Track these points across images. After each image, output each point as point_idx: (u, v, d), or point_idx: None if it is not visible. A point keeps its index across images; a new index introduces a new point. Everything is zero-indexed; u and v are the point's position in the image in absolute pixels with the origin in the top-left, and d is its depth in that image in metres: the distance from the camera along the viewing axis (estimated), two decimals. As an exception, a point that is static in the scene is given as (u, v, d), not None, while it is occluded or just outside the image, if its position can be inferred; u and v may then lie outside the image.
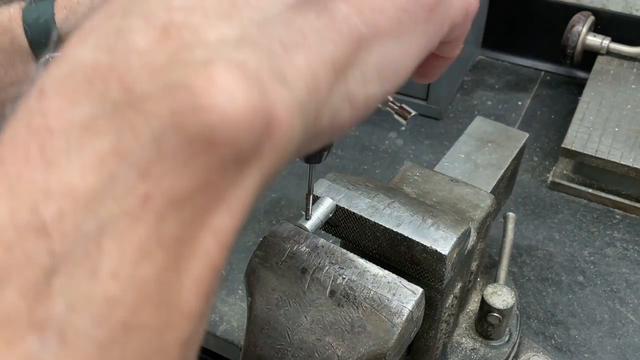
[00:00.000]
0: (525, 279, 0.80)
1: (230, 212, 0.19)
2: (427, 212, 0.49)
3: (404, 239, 0.47)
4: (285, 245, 0.45)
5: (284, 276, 0.44)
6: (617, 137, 0.89)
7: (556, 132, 1.03)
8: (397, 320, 0.41)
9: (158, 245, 0.17)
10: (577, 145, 0.88)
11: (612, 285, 0.79)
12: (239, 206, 0.19)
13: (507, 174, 0.68)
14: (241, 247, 0.84)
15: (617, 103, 0.95)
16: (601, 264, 0.82)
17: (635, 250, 0.83)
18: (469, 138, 0.70)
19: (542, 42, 1.16)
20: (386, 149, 1.00)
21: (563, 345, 0.73)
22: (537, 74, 1.17)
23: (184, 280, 0.18)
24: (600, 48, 1.05)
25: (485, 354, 0.63)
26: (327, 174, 0.52)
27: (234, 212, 0.19)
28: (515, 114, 1.08)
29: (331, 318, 0.42)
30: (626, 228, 0.86)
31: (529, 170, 0.96)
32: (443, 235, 0.47)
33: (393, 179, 0.59)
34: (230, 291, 0.79)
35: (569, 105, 1.08)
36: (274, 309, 0.44)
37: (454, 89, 1.12)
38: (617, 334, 0.73)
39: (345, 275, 0.43)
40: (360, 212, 0.49)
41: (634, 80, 1.00)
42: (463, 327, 0.64)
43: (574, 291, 0.78)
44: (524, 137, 0.71)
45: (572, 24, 1.05)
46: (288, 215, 0.89)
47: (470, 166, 0.66)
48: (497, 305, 0.59)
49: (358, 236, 0.50)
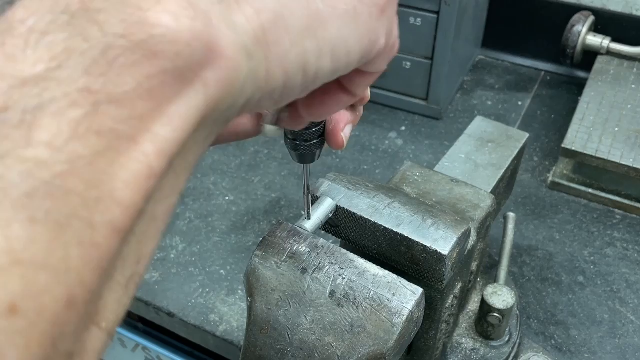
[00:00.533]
0: (525, 279, 0.80)
1: (171, 125, 0.21)
2: (427, 212, 0.49)
3: (404, 239, 0.47)
4: (285, 245, 0.45)
5: (284, 276, 0.44)
6: (617, 137, 0.89)
7: (556, 132, 1.03)
8: (397, 320, 0.41)
9: (93, 131, 0.19)
10: (577, 145, 0.88)
11: (612, 286, 0.79)
12: (181, 122, 0.21)
13: (507, 174, 0.68)
14: (241, 247, 0.84)
15: (617, 103, 0.95)
16: (601, 264, 0.82)
17: (635, 250, 0.83)
18: (469, 138, 0.70)
19: (542, 42, 1.16)
20: (386, 149, 1.00)
21: (563, 346, 0.73)
22: (537, 74, 1.17)
23: (118, 172, 0.19)
24: (600, 48, 1.05)
25: (485, 354, 0.62)
26: (327, 174, 0.52)
27: (176, 126, 0.21)
28: (515, 114, 1.08)
29: (331, 318, 0.42)
30: (626, 228, 0.86)
31: (529, 170, 0.96)
32: (443, 235, 0.47)
33: (393, 179, 0.59)
34: (230, 291, 0.79)
35: (569, 105, 1.08)
36: (274, 309, 0.44)
37: (454, 89, 1.12)
38: (617, 334, 0.73)
39: (345, 275, 0.43)
40: (360, 212, 0.49)
41: (634, 80, 1.00)
42: (463, 327, 0.64)
43: (574, 291, 0.78)
44: (524, 137, 0.71)
45: (572, 24, 1.05)
46: (288, 215, 0.89)
47: (470, 166, 0.66)
48: (497, 305, 0.59)
49: (358, 236, 0.50)
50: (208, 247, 0.85)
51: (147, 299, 0.78)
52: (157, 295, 0.79)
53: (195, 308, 0.77)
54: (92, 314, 0.20)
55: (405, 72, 1.03)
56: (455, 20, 0.96)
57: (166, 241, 0.86)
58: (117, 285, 0.21)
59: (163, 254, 0.84)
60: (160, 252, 0.84)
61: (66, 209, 0.18)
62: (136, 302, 0.80)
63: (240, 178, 0.95)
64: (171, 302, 0.78)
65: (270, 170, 0.96)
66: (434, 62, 1.00)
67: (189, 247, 0.85)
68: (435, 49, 0.99)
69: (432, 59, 1.00)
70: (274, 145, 1.01)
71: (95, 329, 0.20)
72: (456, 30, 0.98)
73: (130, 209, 0.20)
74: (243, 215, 0.89)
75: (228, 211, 0.90)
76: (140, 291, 0.79)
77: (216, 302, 0.77)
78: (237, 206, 0.90)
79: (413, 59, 1.01)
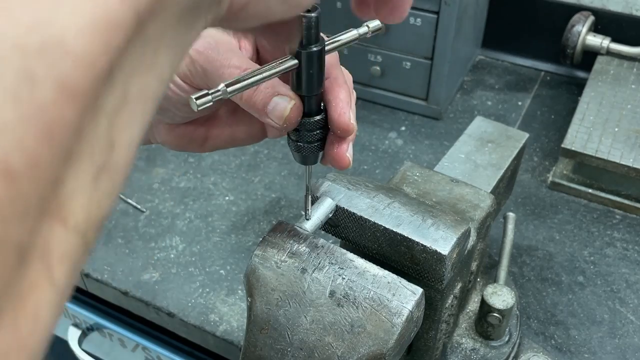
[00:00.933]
0: (525, 279, 0.80)
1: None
2: (427, 212, 0.49)
3: (404, 239, 0.47)
4: (285, 245, 0.45)
5: (284, 276, 0.44)
6: (617, 137, 0.89)
7: (556, 132, 1.03)
8: (397, 320, 0.41)
9: None
10: (577, 145, 0.88)
11: (612, 286, 0.79)
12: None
13: (507, 174, 0.68)
14: (241, 247, 0.84)
15: (617, 103, 0.95)
16: (601, 264, 0.82)
17: (635, 250, 0.83)
18: (469, 138, 0.70)
19: (542, 42, 1.16)
20: (386, 149, 1.00)
21: (563, 346, 0.73)
22: (537, 74, 1.18)
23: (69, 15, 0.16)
24: (600, 48, 1.05)
25: (485, 354, 0.63)
26: (327, 174, 0.52)
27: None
28: (515, 114, 1.08)
29: (331, 318, 0.42)
30: (626, 228, 0.86)
31: (529, 170, 0.96)
32: (443, 235, 0.47)
33: (393, 179, 0.59)
34: (230, 291, 0.79)
35: (569, 105, 1.08)
36: (274, 309, 0.44)
37: (454, 89, 1.12)
38: (617, 334, 0.73)
39: (345, 275, 0.43)
40: (360, 212, 0.49)
41: (634, 80, 1.00)
42: (463, 327, 0.64)
43: (574, 291, 0.78)
44: (524, 137, 0.71)
45: (572, 24, 1.05)
46: (288, 215, 0.89)
47: (470, 166, 0.66)
48: (497, 305, 0.59)
49: (358, 236, 0.50)
50: (208, 247, 0.85)
51: (147, 299, 0.79)
52: (157, 295, 0.79)
53: (195, 308, 0.77)
54: (50, 204, 0.17)
55: (405, 72, 1.03)
56: (455, 20, 0.96)
57: (166, 241, 0.86)
58: (83, 173, 0.18)
59: (163, 254, 0.84)
60: (160, 252, 0.84)
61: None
62: (136, 302, 0.80)
63: (240, 178, 0.95)
64: (171, 302, 0.78)
65: (270, 170, 0.96)
66: (433, 62, 1.01)
67: (189, 247, 0.85)
68: (435, 49, 0.99)
69: (432, 59, 1.00)
70: (274, 145, 1.01)
71: (58, 227, 0.17)
72: (456, 30, 0.98)
73: (88, 66, 0.16)
74: (243, 215, 0.89)
75: (228, 211, 0.90)
76: (140, 291, 0.79)
77: (216, 302, 0.77)
78: (237, 206, 0.90)
79: (413, 59, 1.01)
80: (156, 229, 0.87)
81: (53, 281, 0.17)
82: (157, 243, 0.85)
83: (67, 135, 0.16)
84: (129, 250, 0.85)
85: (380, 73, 1.04)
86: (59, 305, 0.18)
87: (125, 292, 0.80)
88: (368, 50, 1.03)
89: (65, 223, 0.17)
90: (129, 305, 0.82)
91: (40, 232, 0.17)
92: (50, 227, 0.17)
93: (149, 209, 0.90)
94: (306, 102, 0.39)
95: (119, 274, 0.82)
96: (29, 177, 0.16)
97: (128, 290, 0.80)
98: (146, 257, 0.84)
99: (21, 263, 0.16)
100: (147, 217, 0.89)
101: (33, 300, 0.17)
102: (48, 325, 0.18)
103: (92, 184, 0.18)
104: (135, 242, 0.86)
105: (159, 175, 0.96)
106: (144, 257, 0.84)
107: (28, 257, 0.16)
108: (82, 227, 0.18)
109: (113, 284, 0.81)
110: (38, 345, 0.17)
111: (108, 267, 0.83)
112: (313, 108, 0.39)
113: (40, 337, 0.17)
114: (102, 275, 0.82)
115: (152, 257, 0.83)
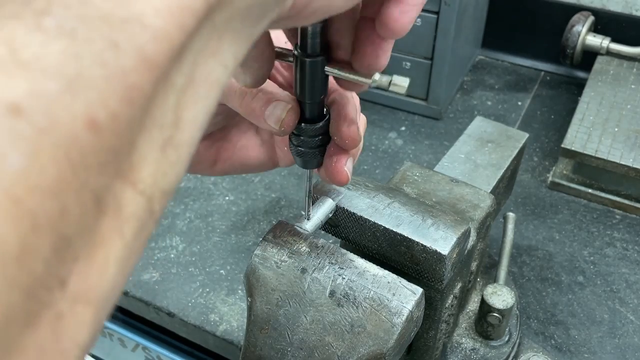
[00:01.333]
0: (525, 279, 0.80)
1: None
2: (427, 212, 0.49)
3: (403, 239, 0.47)
4: (285, 245, 0.45)
5: (284, 276, 0.44)
6: (617, 137, 0.89)
7: (556, 132, 1.03)
8: (397, 320, 0.41)
9: None
10: (577, 145, 0.88)
11: (612, 285, 0.79)
12: None
13: (507, 174, 0.68)
14: (241, 247, 0.84)
15: (617, 103, 0.95)
16: (601, 264, 0.82)
17: (635, 250, 0.83)
18: (469, 138, 0.70)
19: (542, 42, 1.16)
20: (386, 149, 1.00)
21: (563, 345, 0.73)
22: (537, 74, 1.18)
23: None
24: (600, 48, 1.05)
25: (485, 354, 0.63)
26: (327, 174, 0.52)
27: None
28: (515, 114, 1.08)
29: (331, 318, 0.42)
30: (626, 228, 0.86)
31: (529, 170, 0.96)
32: (443, 235, 0.47)
33: (393, 179, 0.59)
34: (230, 291, 0.79)
35: (569, 105, 1.08)
36: (274, 309, 0.44)
37: (454, 89, 1.12)
38: (617, 334, 0.73)
39: (345, 275, 0.43)
40: (360, 212, 0.49)
41: (634, 80, 1.00)
42: (463, 327, 0.64)
43: (574, 291, 0.78)
44: (523, 137, 0.71)
45: (572, 24, 1.05)
46: (288, 215, 0.89)
47: (470, 166, 0.66)
48: (497, 305, 0.60)
49: (358, 236, 0.50)
50: (208, 247, 0.85)
51: (147, 299, 0.79)
52: (157, 295, 0.79)
53: (195, 308, 0.77)
54: (124, 164, 0.19)
55: (405, 72, 1.03)
56: (455, 20, 0.96)
57: (166, 241, 0.86)
58: (152, 142, 0.20)
59: (163, 254, 0.84)
60: (160, 252, 0.84)
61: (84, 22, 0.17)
62: (136, 302, 0.80)
63: (240, 178, 0.95)
64: (171, 302, 0.78)
65: (270, 171, 0.96)
66: (433, 62, 1.01)
67: (189, 247, 0.85)
68: (435, 49, 0.99)
69: (432, 59, 1.00)
70: (274, 145, 1.01)
71: (129, 189, 0.19)
72: (456, 30, 0.98)
73: (163, 41, 0.18)
74: (243, 215, 0.89)
75: (228, 211, 0.90)
76: (140, 291, 0.79)
77: (216, 302, 0.77)
78: (237, 206, 0.90)
79: (413, 59, 1.01)
80: (156, 229, 0.87)
81: (123, 238, 0.19)
82: (157, 243, 0.85)
83: (143, 100, 0.18)
84: (129, 250, 0.85)
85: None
86: (125, 265, 0.20)
87: (125, 292, 0.80)
88: (368, 50, 1.03)
89: (134, 185, 0.19)
90: (129, 305, 0.82)
91: (114, 188, 0.18)
92: (122, 186, 0.19)
93: (149, 209, 0.90)
94: (308, 108, 0.39)
95: (119, 274, 0.82)
96: (110, 132, 0.17)
97: (128, 290, 0.80)
98: (146, 257, 0.84)
99: (97, 212, 0.18)
100: (147, 217, 0.89)
101: (104, 252, 0.18)
102: (113, 282, 0.19)
103: (159, 154, 0.20)
104: (135, 242, 0.86)
105: (159, 175, 0.96)
106: (144, 257, 0.84)
107: (103, 209, 0.18)
108: (149, 192, 0.20)
109: (113, 284, 0.81)
110: (102, 301, 0.19)
111: (108, 267, 0.82)
112: (315, 114, 0.39)
113: (104, 291, 0.19)
114: (102, 275, 0.82)
115: (152, 257, 0.84)
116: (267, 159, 0.48)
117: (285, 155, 0.47)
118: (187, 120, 0.21)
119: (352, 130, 0.40)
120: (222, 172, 0.50)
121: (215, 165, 0.49)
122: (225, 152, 0.48)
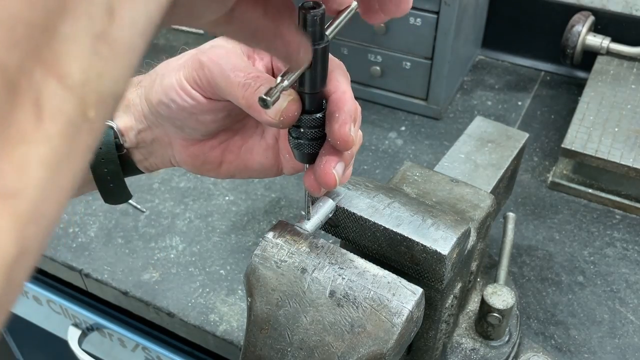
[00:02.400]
0: (525, 279, 0.80)
1: None
2: (427, 212, 0.49)
3: (404, 239, 0.47)
4: (285, 245, 0.45)
5: (284, 276, 0.44)
6: (617, 137, 0.89)
7: (556, 132, 1.03)
8: (397, 320, 0.41)
9: None
10: (577, 145, 0.88)
11: (612, 285, 0.79)
12: None
13: (507, 174, 0.68)
14: (241, 247, 0.84)
15: (617, 103, 0.95)
16: (601, 264, 0.82)
17: (635, 250, 0.83)
18: (469, 138, 0.70)
19: (542, 42, 1.16)
20: (386, 149, 1.00)
21: (563, 345, 0.73)
22: (537, 74, 1.18)
23: None
24: (600, 48, 1.05)
25: (485, 354, 0.63)
26: (327, 174, 0.52)
27: None
28: (515, 114, 1.08)
29: (331, 318, 0.42)
30: (626, 228, 0.86)
31: (529, 170, 0.96)
32: (443, 235, 0.47)
33: (393, 179, 0.59)
34: (230, 291, 0.79)
35: (569, 105, 1.08)
36: (274, 309, 0.44)
37: (454, 89, 1.12)
38: (617, 334, 0.73)
39: (345, 275, 0.43)
40: (360, 212, 0.49)
41: (634, 80, 1.00)
42: (463, 327, 0.64)
43: (574, 291, 0.78)
44: (524, 137, 0.71)
45: (572, 24, 1.05)
46: (288, 215, 0.89)
47: (470, 166, 0.66)
48: (497, 305, 0.59)
49: (358, 236, 0.50)
50: (208, 247, 0.85)
51: (147, 299, 0.79)
52: (157, 295, 0.79)
53: (195, 308, 0.77)
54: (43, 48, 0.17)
55: (405, 72, 1.03)
56: (455, 20, 0.96)
57: (166, 241, 0.86)
58: (80, 32, 0.18)
59: (163, 254, 0.84)
60: (160, 252, 0.84)
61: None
62: (136, 302, 0.80)
63: (240, 178, 0.95)
64: (171, 302, 0.78)
65: (270, 170, 0.96)
66: (433, 62, 1.01)
67: (189, 247, 0.85)
68: (435, 49, 0.99)
69: (432, 59, 1.00)
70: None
71: (53, 80, 0.17)
72: (456, 30, 0.98)
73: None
74: (243, 215, 0.89)
75: (228, 211, 0.90)
76: (140, 291, 0.79)
77: (216, 302, 0.77)
78: (237, 206, 0.90)
79: (413, 59, 1.01)
80: (156, 229, 0.87)
81: (49, 139, 0.17)
82: (157, 243, 0.85)
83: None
84: (129, 250, 0.85)
85: (380, 73, 1.04)
86: (57, 173, 0.18)
87: (125, 292, 0.80)
88: (368, 50, 1.03)
89: (60, 79, 0.18)
90: (129, 305, 0.82)
91: (32, 74, 0.17)
92: (44, 76, 0.17)
93: (149, 209, 0.90)
94: (308, 99, 0.39)
95: (119, 274, 0.82)
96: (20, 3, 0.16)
97: (128, 290, 0.80)
98: (146, 257, 0.84)
99: (10, 96, 0.16)
100: (147, 217, 0.89)
101: (22, 150, 0.17)
102: (36, 187, 0.17)
103: (90, 49, 0.18)
104: (135, 242, 0.86)
105: (159, 175, 0.96)
106: (144, 257, 0.84)
107: (18, 95, 0.16)
108: (80, 92, 0.18)
109: (113, 284, 0.81)
110: (24, 204, 0.17)
111: (108, 267, 0.83)
112: (315, 105, 0.39)
113: (26, 195, 0.17)
114: (102, 275, 0.82)
115: (152, 257, 0.84)
116: (271, 164, 0.49)
117: (289, 163, 0.48)
118: (125, 17, 0.19)
119: (344, 131, 0.39)
120: (227, 174, 0.50)
121: (221, 166, 0.49)
122: (230, 154, 0.49)
